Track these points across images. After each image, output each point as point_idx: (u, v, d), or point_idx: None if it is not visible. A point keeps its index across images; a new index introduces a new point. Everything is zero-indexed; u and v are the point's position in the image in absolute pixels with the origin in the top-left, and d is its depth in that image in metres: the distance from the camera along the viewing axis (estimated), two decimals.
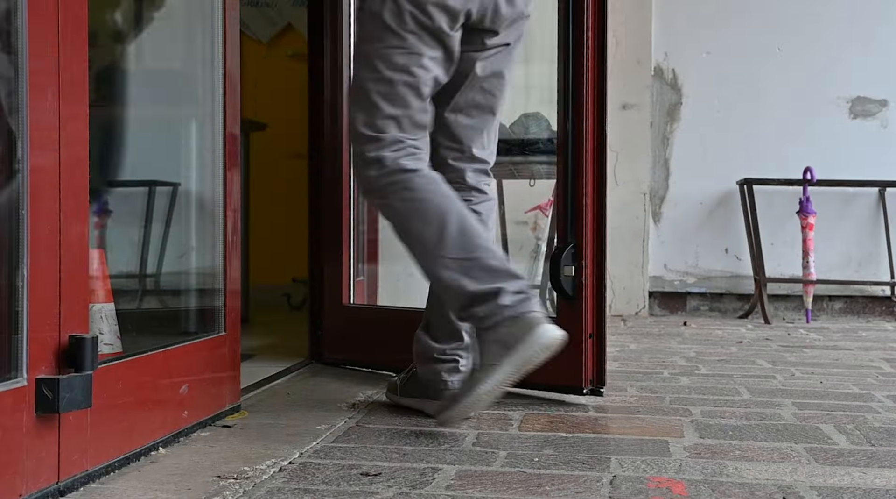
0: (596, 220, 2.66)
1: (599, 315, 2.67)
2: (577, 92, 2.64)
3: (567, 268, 2.65)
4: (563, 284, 2.66)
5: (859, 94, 5.70)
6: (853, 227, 5.72)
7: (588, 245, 2.65)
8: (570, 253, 2.65)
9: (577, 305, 2.65)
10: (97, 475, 1.77)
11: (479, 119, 2.47)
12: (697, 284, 5.82)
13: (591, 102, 2.64)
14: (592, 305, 2.67)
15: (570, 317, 2.65)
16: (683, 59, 5.81)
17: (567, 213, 2.67)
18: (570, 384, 2.66)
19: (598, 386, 2.68)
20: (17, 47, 1.56)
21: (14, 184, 1.55)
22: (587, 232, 2.65)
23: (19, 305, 1.56)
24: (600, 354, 2.67)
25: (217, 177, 2.42)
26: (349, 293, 3.30)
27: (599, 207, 2.66)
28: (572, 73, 2.64)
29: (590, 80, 2.63)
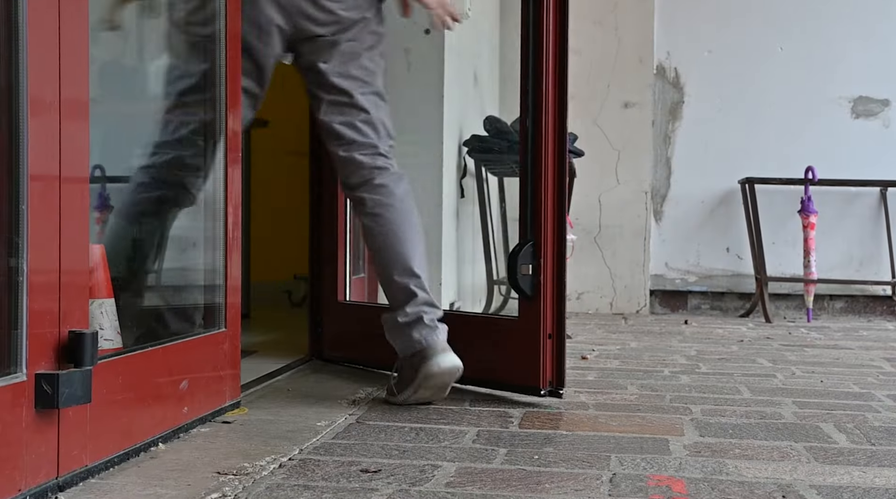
0: (555, 218, 2.58)
1: (559, 315, 2.58)
2: (537, 90, 2.57)
3: (524, 266, 2.57)
4: (520, 283, 2.58)
5: (861, 93, 5.70)
6: (854, 226, 5.72)
7: (547, 243, 2.57)
8: (529, 251, 2.57)
9: (536, 305, 2.57)
10: (96, 471, 1.77)
11: (348, 116, 2.67)
12: (698, 283, 5.82)
13: (552, 100, 2.57)
14: (552, 304, 2.58)
15: (529, 316, 2.58)
16: (685, 58, 5.81)
17: (526, 210, 2.59)
18: (528, 384, 2.60)
19: (557, 387, 2.59)
20: (17, 39, 1.56)
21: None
22: (546, 230, 2.57)
23: (19, 300, 1.56)
24: (559, 354, 2.58)
25: (218, 173, 2.42)
26: (345, 290, 3.30)
27: (559, 205, 2.58)
28: (532, 71, 2.58)
29: (550, 80, 2.57)
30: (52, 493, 1.62)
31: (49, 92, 1.62)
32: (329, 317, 3.31)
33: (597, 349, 3.88)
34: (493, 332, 2.77)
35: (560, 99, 2.59)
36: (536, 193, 2.58)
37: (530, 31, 2.60)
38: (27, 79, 1.56)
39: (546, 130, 2.58)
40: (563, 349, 2.59)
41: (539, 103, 2.57)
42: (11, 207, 1.57)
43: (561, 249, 2.59)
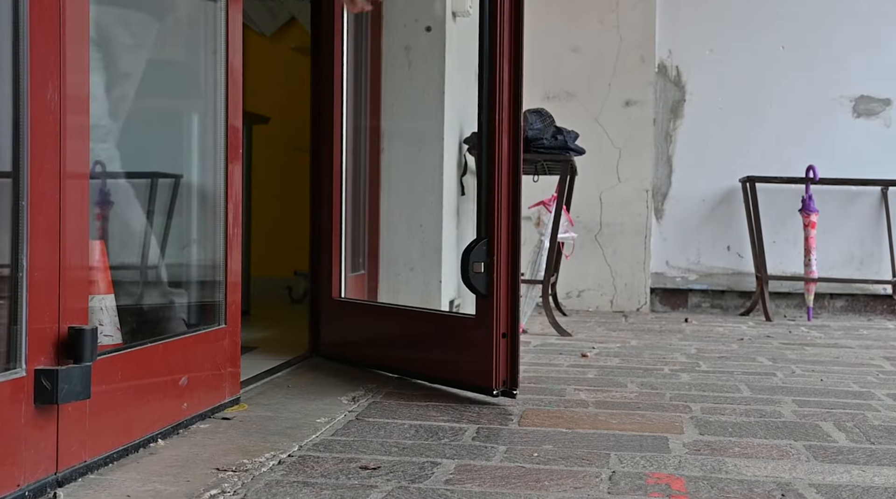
0: (510, 215, 2.53)
1: (513, 314, 2.53)
2: (492, 87, 2.52)
3: (477, 264, 2.51)
4: (472, 281, 2.53)
5: (863, 92, 5.69)
6: (855, 225, 5.72)
7: (502, 241, 2.52)
8: (482, 249, 2.51)
9: (489, 303, 2.52)
10: (96, 466, 1.77)
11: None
12: (699, 281, 5.82)
13: (507, 97, 2.52)
14: (506, 303, 2.53)
15: (484, 315, 2.54)
16: (687, 57, 5.80)
17: (481, 207, 2.53)
18: (481, 384, 2.57)
19: (510, 388, 2.54)
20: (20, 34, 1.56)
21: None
22: (501, 227, 2.51)
23: (19, 296, 1.56)
24: (513, 354, 2.53)
25: (218, 169, 2.42)
26: (340, 287, 3.30)
27: (514, 203, 2.53)
28: (487, 68, 2.53)
29: (505, 77, 2.52)
30: (50, 488, 1.62)
31: (50, 87, 1.61)
32: (325, 314, 3.31)
33: (597, 347, 3.88)
34: (452, 329, 2.74)
35: (515, 96, 2.53)
36: (490, 191, 2.52)
37: (485, 28, 2.54)
38: (28, 73, 1.56)
39: (501, 126, 2.51)
40: (517, 349, 2.54)
41: (493, 100, 2.52)
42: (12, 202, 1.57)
43: (515, 247, 2.53)
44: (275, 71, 5.90)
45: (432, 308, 3.61)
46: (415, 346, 2.88)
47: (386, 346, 3.01)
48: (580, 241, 5.50)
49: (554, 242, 4.46)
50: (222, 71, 2.40)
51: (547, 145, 4.52)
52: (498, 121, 2.52)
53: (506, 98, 2.53)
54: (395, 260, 3.81)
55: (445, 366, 2.71)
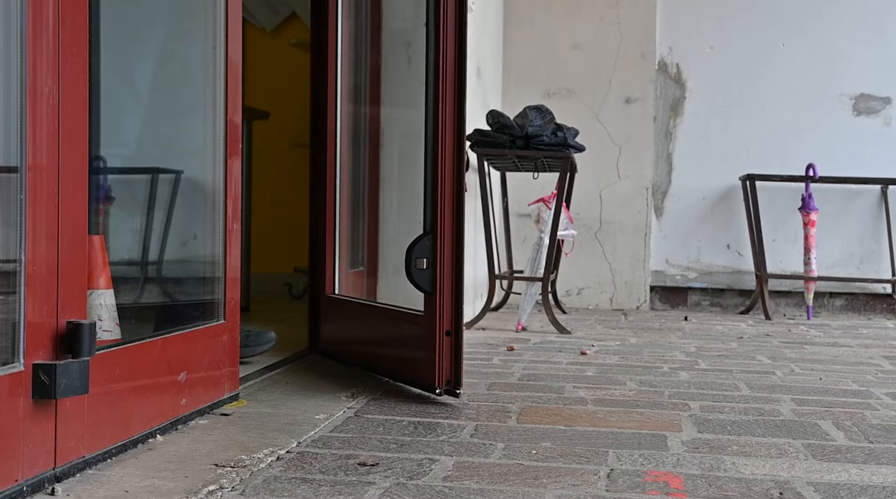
0: (453, 211, 2.48)
1: (457, 311, 2.49)
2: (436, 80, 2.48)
3: (419, 260, 2.48)
4: (416, 277, 2.49)
5: (863, 91, 5.69)
6: (855, 224, 5.72)
7: (445, 237, 2.48)
8: (426, 245, 2.47)
9: (433, 300, 2.48)
10: (94, 462, 1.77)
11: None
12: (699, 280, 5.81)
13: (451, 92, 2.48)
14: (450, 300, 2.49)
15: (428, 312, 2.51)
16: (687, 54, 5.80)
17: (426, 203, 2.50)
18: (426, 382, 2.54)
19: (454, 387, 2.50)
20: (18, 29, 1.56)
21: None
22: (444, 223, 2.48)
23: (17, 291, 1.56)
24: (457, 352, 2.49)
25: (218, 165, 2.42)
26: (334, 284, 3.29)
27: (457, 199, 2.48)
28: (432, 61, 2.50)
29: (448, 70, 2.48)
30: (49, 484, 1.62)
31: (49, 80, 1.61)
32: (322, 310, 3.31)
33: (596, 345, 3.88)
34: (405, 326, 2.71)
35: (459, 91, 2.49)
36: (435, 186, 2.48)
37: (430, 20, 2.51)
38: (26, 68, 1.56)
39: (444, 121, 2.48)
40: (461, 347, 2.49)
41: (438, 94, 2.48)
42: (10, 196, 1.57)
43: (459, 244, 2.49)
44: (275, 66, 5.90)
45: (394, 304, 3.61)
46: (381, 342, 2.88)
47: (362, 342, 3.02)
48: (580, 238, 5.50)
49: (554, 240, 4.45)
50: (222, 66, 2.40)
51: (547, 142, 4.51)
52: (442, 116, 2.48)
53: (449, 93, 2.49)
54: (395, 256, 3.81)
55: (403, 363, 2.70)
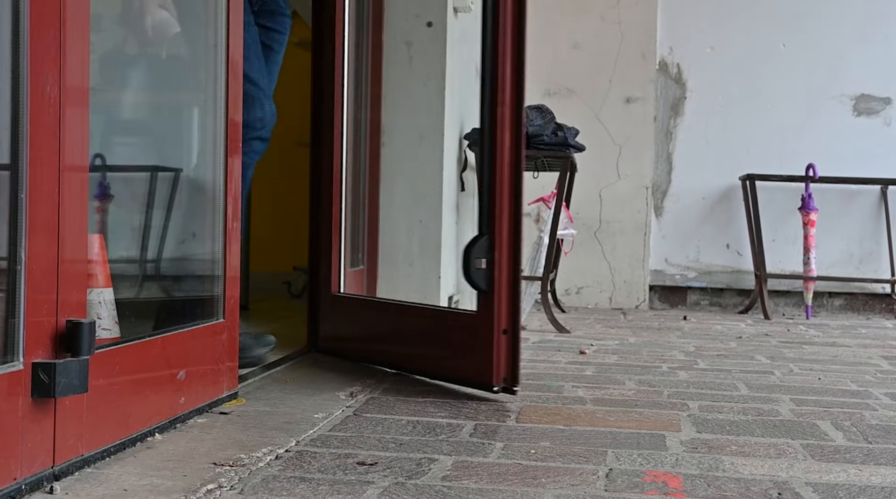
0: (512, 212, 2.52)
1: (514, 310, 2.52)
2: (494, 82, 2.51)
3: (478, 260, 2.51)
4: (474, 277, 2.52)
5: (863, 91, 5.69)
6: (855, 224, 5.72)
7: (503, 237, 2.52)
8: (484, 245, 2.51)
9: (490, 300, 2.52)
10: (93, 460, 1.77)
11: None
12: (698, 279, 5.82)
13: (510, 93, 2.51)
14: (507, 299, 2.53)
15: (485, 311, 2.55)
16: (688, 54, 5.80)
17: (483, 204, 2.54)
18: (481, 381, 2.56)
19: (511, 384, 2.53)
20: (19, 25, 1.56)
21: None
22: (502, 224, 2.51)
23: (17, 289, 1.56)
24: (514, 350, 2.52)
25: (218, 164, 2.42)
26: (339, 282, 3.30)
27: (515, 199, 2.52)
28: (490, 64, 2.52)
29: (508, 72, 2.51)
30: (47, 482, 1.62)
31: (50, 79, 1.61)
32: (323, 309, 3.31)
33: (595, 344, 3.88)
34: (452, 326, 2.74)
35: (517, 90, 2.52)
36: (493, 187, 2.51)
37: (488, 19, 2.54)
38: (28, 66, 1.56)
39: (503, 123, 2.51)
40: (518, 345, 2.53)
41: (495, 96, 2.51)
42: (10, 195, 1.57)
43: (517, 244, 2.52)
44: None
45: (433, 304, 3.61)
46: (415, 342, 2.88)
47: (386, 341, 3.01)
48: (579, 238, 5.50)
49: (553, 239, 4.46)
50: (223, 65, 2.40)
51: (547, 142, 4.52)
52: (500, 117, 2.51)
53: (508, 94, 2.51)
54: (394, 255, 3.81)
55: (445, 362, 2.71)
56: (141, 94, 3.43)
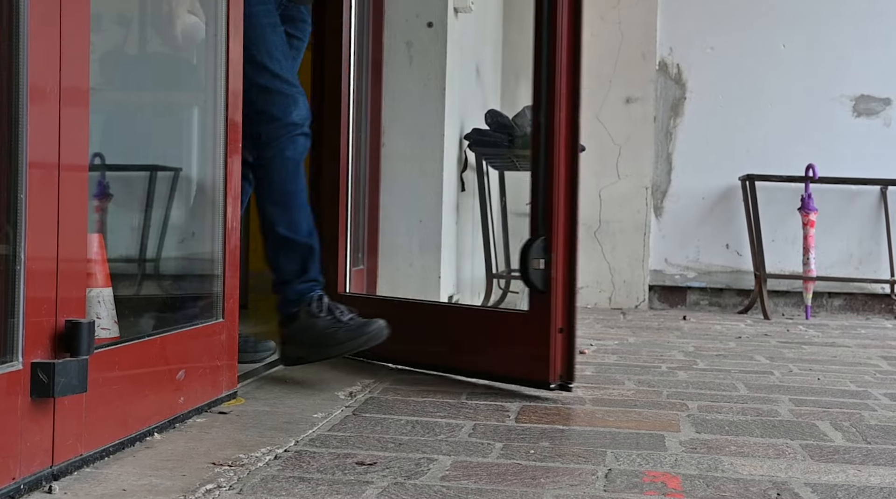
0: (567, 212, 2.59)
1: (570, 309, 2.59)
2: (550, 85, 2.57)
3: (536, 261, 2.58)
4: (532, 277, 2.59)
5: (863, 92, 5.69)
6: (854, 224, 5.72)
7: (559, 238, 2.58)
8: (540, 246, 2.58)
9: (547, 299, 2.58)
10: (92, 460, 1.77)
11: None
12: (698, 279, 5.82)
13: (565, 96, 2.57)
14: (563, 298, 2.58)
15: (540, 310, 2.59)
16: (688, 55, 5.80)
17: (538, 205, 2.60)
18: (537, 378, 2.61)
19: (566, 381, 2.59)
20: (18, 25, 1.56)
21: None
22: (558, 225, 2.58)
23: (16, 288, 1.56)
24: (569, 348, 2.58)
25: (218, 163, 2.42)
26: (345, 281, 3.29)
27: (571, 200, 2.59)
28: (546, 66, 2.58)
29: (563, 75, 2.57)
30: (46, 481, 1.62)
31: (49, 79, 1.61)
32: None
33: (595, 344, 3.88)
34: (502, 325, 2.79)
35: (573, 94, 2.58)
36: (549, 189, 2.58)
37: (544, 24, 2.59)
38: (27, 66, 1.56)
39: (559, 125, 2.57)
40: (574, 343, 2.59)
41: (552, 98, 2.57)
42: (10, 194, 1.57)
43: (573, 244, 2.60)
44: None
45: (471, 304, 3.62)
46: (455, 341, 2.89)
47: (415, 342, 2.99)
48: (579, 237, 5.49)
49: None
50: (223, 63, 2.40)
51: None
52: (556, 120, 2.57)
53: (563, 98, 2.58)
54: (395, 255, 3.81)
55: (492, 361, 2.73)
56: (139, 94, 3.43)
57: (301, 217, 2.75)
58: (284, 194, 2.73)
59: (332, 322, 2.62)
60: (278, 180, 2.72)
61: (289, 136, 2.70)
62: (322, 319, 2.63)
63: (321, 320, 2.63)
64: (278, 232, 2.72)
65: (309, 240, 2.75)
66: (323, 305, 2.67)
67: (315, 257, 2.75)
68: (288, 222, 2.73)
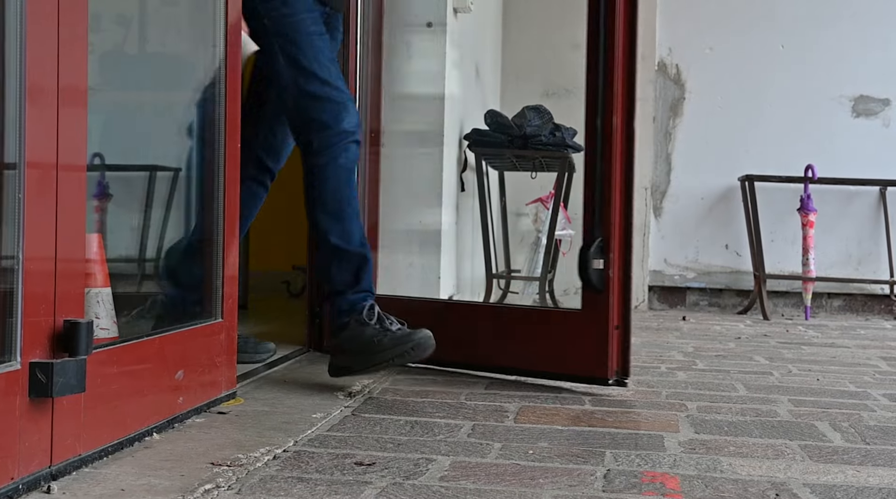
0: (623, 215, 2.71)
1: (625, 307, 2.71)
2: (608, 88, 2.69)
3: (596, 261, 2.69)
4: (591, 277, 2.70)
5: (862, 92, 5.69)
6: (853, 225, 5.72)
7: (616, 239, 2.70)
8: (599, 247, 2.70)
9: (604, 298, 2.69)
10: (90, 460, 1.77)
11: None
12: (697, 280, 5.82)
13: (621, 98, 2.69)
14: (619, 297, 2.70)
15: (597, 309, 2.70)
16: (687, 55, 5.80)
17: (595, 207, 2.71)
18: (594, 375, 2.71)
19: (622, 377, 2.71)
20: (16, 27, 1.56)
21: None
22: (615, 227, 2.70)
23: (15, 288, 1.56)
24: (625, 344, 2.70)
25: (217, 163, 2.41)
26: None
27: (627, 202, 2.71)
28: (602, 72, 2.69)
29: (620, 77, 2.69)
30: (44, 481, 1.62)
31: (48, 79, 1.61)
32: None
33: None
34: (555, 324, 2.87)
35: (629, 97, 2.69)
36: (606, 193, 2.70)
37: (601, 32, 2.71)
38: (25, 65, 1.56)
39: (616, 129, 2.68)
40: (629, 340, 2.71)
41: (609, 103, 2.68)
42: (8, 194, 1.57)
43: (628, 245, 2.72)
44: None
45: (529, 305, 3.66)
46: (505, 341, 2.92)
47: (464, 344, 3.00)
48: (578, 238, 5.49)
49: (551, 239, 4.46)
50: (221, 62, 2.40)
51: (545, 142, 4.52)
52: (613, 124, 2.68)
53: (620, 105, 2.69)
54: (394, 255, 3.81)
55: (547, 359, 2.78)
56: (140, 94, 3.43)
57: (354, 226, 2.68)
58: (337, 203, 2.67)
59: (380, 331, 2.57)
60: (331, 189, 2.66)
61: (342, 144, 2.65)
62: (370, 328, 2.58)
63: (369, 328, 2.57)
64: (331, 242, 2.66)
65: (362, 249, 2.68)
66: (374, 314, 2.61)
67: (368, 267, 2.69)
68: (341, 232, 2.66)
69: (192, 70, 2.85)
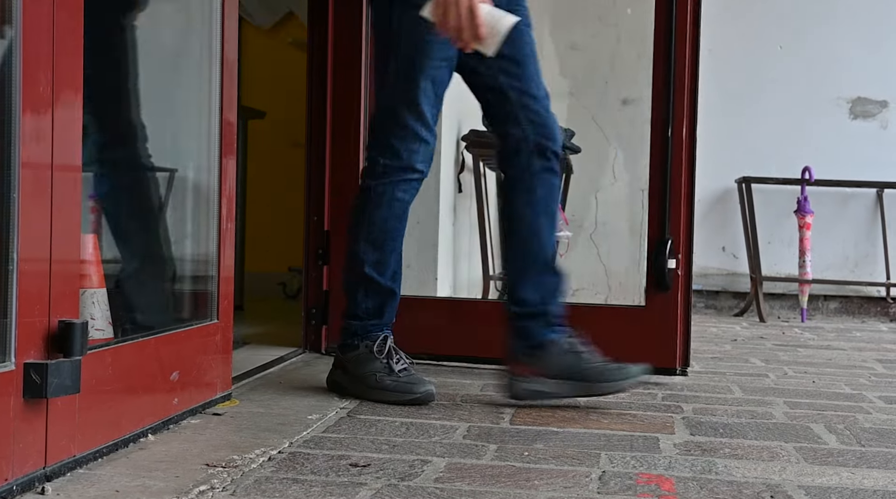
0: (687, 219, 3.06)
1: (688, 303, 3.04)
2: (678, 97, 3.09)
3: (670, 261, 3.01)
4: (664, 276, 3.00)
5: (860, 94, 5.70)
6: (850, 227, 5.72)
7: (681, 240, 3.04)
8: (668, 247, 3.01)
9: (673, 295, 3.01)
10: (85, 461, 1.77)
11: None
12: (694, 281, 5.80)
13: (687, 107, 3.04)
14: (683, 294, 3.03)
15: (664, 306, 3.03)
16: None
17: (664, 212, 3.04)
18: (664, 366, 2.97)
19: (684, 367, 3.03)
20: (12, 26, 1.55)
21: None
22: (681, 229, 3.04)
23: (9, 289, 1.55)
24: (687, 336, 3.03)
25: (213, 164, 2.41)
26: None
27: (690, 207, 3.07)
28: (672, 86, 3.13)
29: (687, 89, 3.05)
30: (39, 483, 1.62)
31: (42, 79, 1.61)
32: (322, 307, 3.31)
33: None
34: (619, 320, 3.14)
35: (693, 106, 3.11)
36: (674, 195, 3.09)
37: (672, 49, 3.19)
38: (21, 66, 1.56)
39: (683, 136, 3.10)
40: (689, 333, 3.05)
41: (679, 112, 3.08)
42: (2, 194, 1.56)
43: (690, 245, 3.06)
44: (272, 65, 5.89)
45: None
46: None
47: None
48: (575, 240, 5.50)
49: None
50: (217, 64, 2.40)
51: None
52: (681, 132, 3.10)
53: (686, 111, 3.10)
54: None
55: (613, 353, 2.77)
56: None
57: (391, 259, 2.60)
58: (383, 234, 2.57)
59: (384, 367, 2.52)
60: (380, 218, 2.56)
61: (406, 178, 2.55)
62: (378, 362, 2.52)
63: (377, 362, 2.52)
64: (365, 271, 2.57)
65: (392, 285, 2.61)
66: (385, 347, 2.55)
67: (394, 303, 2.62)
68: (376, 262, 2.58)
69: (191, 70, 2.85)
